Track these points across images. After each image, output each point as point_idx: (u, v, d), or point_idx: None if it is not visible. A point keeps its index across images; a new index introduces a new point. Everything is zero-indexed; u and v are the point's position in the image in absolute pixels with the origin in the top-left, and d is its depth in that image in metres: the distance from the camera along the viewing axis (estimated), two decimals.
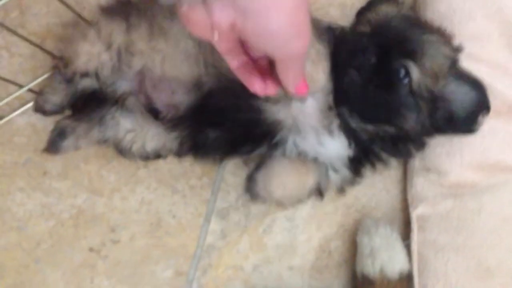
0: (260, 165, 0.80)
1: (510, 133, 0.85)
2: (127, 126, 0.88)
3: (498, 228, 0.83)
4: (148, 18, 0.81)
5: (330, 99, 0.75)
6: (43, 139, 0.96)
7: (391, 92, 0.72)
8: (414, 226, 0.89)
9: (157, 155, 0.91)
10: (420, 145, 0.81)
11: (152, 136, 0.87)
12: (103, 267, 0.95)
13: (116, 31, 0.81)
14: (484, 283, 0.82)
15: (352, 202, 0.96)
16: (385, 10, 0.77)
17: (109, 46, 0.81)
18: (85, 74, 0.82)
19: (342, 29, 0.84)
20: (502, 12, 0.84)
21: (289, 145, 0.77)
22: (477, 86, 0.78)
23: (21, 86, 0.93)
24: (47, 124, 0.95)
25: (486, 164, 0.85)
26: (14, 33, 0.80)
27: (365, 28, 0.76)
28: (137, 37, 0.80)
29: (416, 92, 0.72)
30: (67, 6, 0.82)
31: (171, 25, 0.79)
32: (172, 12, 0.78)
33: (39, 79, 0.95)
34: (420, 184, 0.89)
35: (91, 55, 0.81)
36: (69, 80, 0.84)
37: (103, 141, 0.91)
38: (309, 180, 0.80)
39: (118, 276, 0.95)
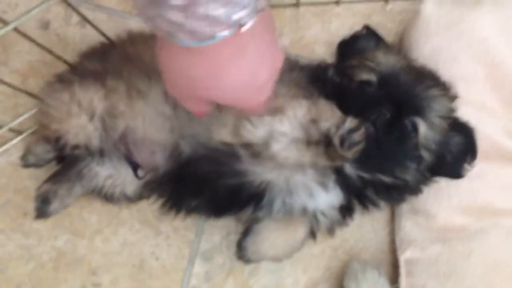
0: (247, 231, 0.80)
1: (498, 176, 0.84)
2: (105, 173, 0.87)
3: (488, 274, 0.81)
4: (125, 79, 0.79)
5: None
6: (24, 179, 0.95)
7: (398, 147, 0.72)
8: (403, 270, 0.86)
9: (141, 197, 0.90)
10: (417, 192, 0.81)
11: (131, 181, 0.85)
12: None
13: (95, 100, 0.79)
14: None
15: (339, 244, 0.94)
16: (386, 61, 0.76)
17: (92, 116, 0.79)
18: (75, 147, 0.81)
19: (334, 69, 0.81)
20: (488, 54, 0.83)
21: (277, 204, 0.74)
22: (464, 130, 0.77)
23: (0, 126, 0.92)
24: None
25: (475, 207, 0.84)
26: None
27: (368, 77, 0.75)
28: (117, 99, 0.79)
29: (423, 145, 0.73)
30: (47, 50, 0.81)
31: (148, 87, 0.78)
32: (148, 74, 0.77)
33: (20, 118, 0.94)
34: (408, 227, 0.87)
35: (78, 128, 0.79)
36: (60, 151, 0.82)
37: (90, 193, 0.90)
38: (300, 234, 0.80)
39: None
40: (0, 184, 0.95)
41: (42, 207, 0.88)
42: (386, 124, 0.71)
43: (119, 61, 0.81)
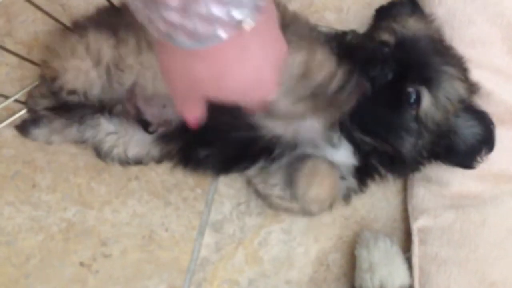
0: (297, 169, 0.74)
1: None
2: (109, 128, 0.84)
3: (502, 241, 0.80)
4: (136, 31, 0.76)
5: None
6: (32, 151, 0.94)
7: (396, 113, 0.70)
8: (415, 239, 0.85)
9: (138, 162, 0.87)
10: (415, 169, 0.79)
11: (137, 142, 0.83)
12: (94, 282, 0.92)
13: (105, 47, 0.76)
14: None
15: (350, 213, 0.93)
16: (414, 26, 0.73)
17: (97, 63, 0.76)
18: (72, 92, 0.78)
19: (355, 33, 0.81)
20: (504, 16, 0.81)
21: (286, 157, 0.74)
22: (484, 122, 0.75)
23: (7, 97, 0.91)
24: None
25: (489, 173, 0.82)
26: None
27: (388, 38, 0.72)
28: (126, 52, 0.76)
29: (422, 120, 0.70)
30: (53, 17, 0.80)
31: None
32: None
33: (26, 89, 0.92)
34: (421, 194, 0.86)
35: (79, 71, 0.76)
36: (55, 94, 0.80)
37: (81, 142, 0.87)
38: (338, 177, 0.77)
39: None
40: (8, 156, 0.94)
41: (28, 126, 0.88)
42: (387, 85, 0.68)
43: (131, 16, 0.79)
